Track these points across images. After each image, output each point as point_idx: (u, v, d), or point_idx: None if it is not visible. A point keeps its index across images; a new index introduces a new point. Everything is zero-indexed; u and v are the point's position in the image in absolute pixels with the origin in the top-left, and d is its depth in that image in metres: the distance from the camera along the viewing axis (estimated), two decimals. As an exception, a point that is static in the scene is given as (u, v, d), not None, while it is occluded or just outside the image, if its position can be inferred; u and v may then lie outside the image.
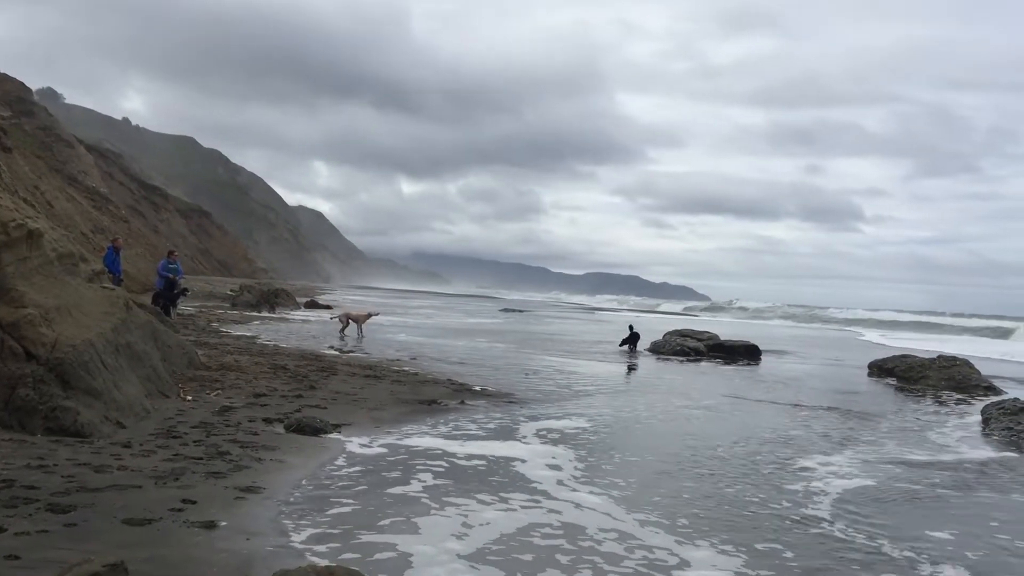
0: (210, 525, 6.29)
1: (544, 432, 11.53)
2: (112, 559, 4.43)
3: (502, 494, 8.12)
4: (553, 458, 9.90)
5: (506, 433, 11.36)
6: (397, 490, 7.97)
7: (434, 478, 8.53)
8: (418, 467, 8.98)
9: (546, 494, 8.23)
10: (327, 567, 3.73)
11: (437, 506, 7.46)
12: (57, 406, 8.85)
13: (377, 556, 6.04)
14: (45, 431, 8.65)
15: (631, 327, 29.64)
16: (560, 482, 8.77)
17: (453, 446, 10.24)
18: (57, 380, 9.06)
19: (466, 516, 7.22)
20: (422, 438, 10.66)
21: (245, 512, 6.77)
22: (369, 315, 28.18)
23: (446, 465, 9.21)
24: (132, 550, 5.46)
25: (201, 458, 8.40)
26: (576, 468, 9.47)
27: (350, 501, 7.46)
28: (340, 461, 9.04)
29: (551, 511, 7.63)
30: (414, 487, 8.11)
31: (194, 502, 6.82)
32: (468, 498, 7.87)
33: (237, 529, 6.30)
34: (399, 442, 10.29)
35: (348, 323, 27.44)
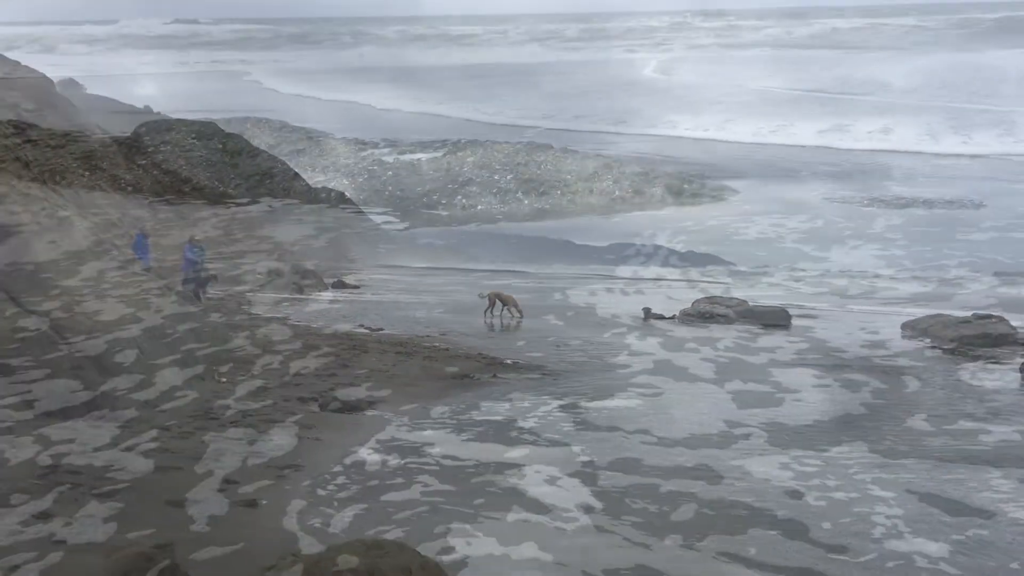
0: (252, 503, 6.33)
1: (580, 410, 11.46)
2: (159, 540, 4.45)
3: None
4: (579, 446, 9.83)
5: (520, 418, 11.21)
6: (429, 464, 7.96)
7: (446, 462, 8.42)
8: (452, 443, 8.97)
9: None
10: (376, 540, 3.72)
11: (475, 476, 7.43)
12: (97, 392, 8.94)
13: (422, 528, 6.03)
14: (87, 416, 8.74)
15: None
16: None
17: (479, 422, 10.23)
18: (95, 366, 9.15)
19: (517, 497, 7.18)
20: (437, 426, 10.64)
21: (286, 490, 6.80)
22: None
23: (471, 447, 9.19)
24: (177, 531, 5.50)
25: (240, 439, 8.44)
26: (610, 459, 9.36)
27: (390, 475, 7.46)
28: (376, 436, 9.04)
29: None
30: (437, 466, 8.08)
31: (236, 482, 6.86)
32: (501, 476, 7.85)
33: (279, 507, 6.33)
34: (433, 417, 10.28)
35: (495, 302, 27.27)
